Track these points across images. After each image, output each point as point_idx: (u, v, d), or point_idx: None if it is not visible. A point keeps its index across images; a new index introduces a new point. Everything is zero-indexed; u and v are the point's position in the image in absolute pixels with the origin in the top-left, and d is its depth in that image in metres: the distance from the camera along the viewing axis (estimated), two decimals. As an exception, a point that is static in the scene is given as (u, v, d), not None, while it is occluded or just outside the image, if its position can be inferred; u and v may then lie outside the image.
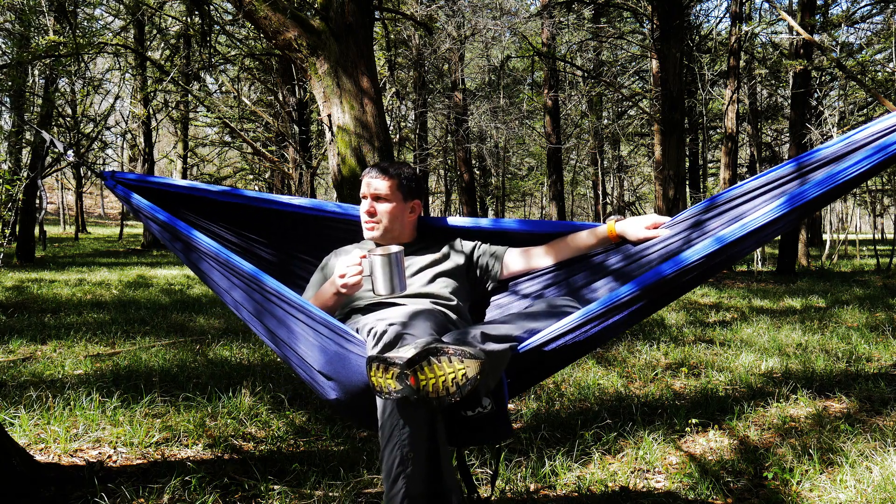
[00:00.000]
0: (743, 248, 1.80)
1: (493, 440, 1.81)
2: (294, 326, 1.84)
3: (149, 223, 2.21)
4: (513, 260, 2.20)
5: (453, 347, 1.52)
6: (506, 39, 16.33)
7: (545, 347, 1.79)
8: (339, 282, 1.94)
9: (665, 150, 11.64)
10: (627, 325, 1.88)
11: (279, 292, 1.85)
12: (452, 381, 1.50)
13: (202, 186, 2.36)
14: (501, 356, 1.70)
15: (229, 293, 2.03)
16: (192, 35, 14.24)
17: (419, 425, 1.61)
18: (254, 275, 1.90)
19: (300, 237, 2.42)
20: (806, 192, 1.69)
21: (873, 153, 1.64)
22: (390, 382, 1.53)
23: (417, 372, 1.51)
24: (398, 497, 1.59)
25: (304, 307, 1.81)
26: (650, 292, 1.77)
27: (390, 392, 1.53)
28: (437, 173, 26.42)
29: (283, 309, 1.85)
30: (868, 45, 14.95)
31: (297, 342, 1.84)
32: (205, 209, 2.38)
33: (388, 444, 1.61)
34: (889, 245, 23.78)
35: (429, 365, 1.51)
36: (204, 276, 2.12)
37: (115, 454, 2.63)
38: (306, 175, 13.10)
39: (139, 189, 2.29)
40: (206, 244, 2.02)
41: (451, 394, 1.50)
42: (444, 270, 2.15)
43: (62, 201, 32.59)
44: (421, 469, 1.61)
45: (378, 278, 1.83)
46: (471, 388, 1.50)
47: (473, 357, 1.51)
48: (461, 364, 1.50)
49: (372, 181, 2.17)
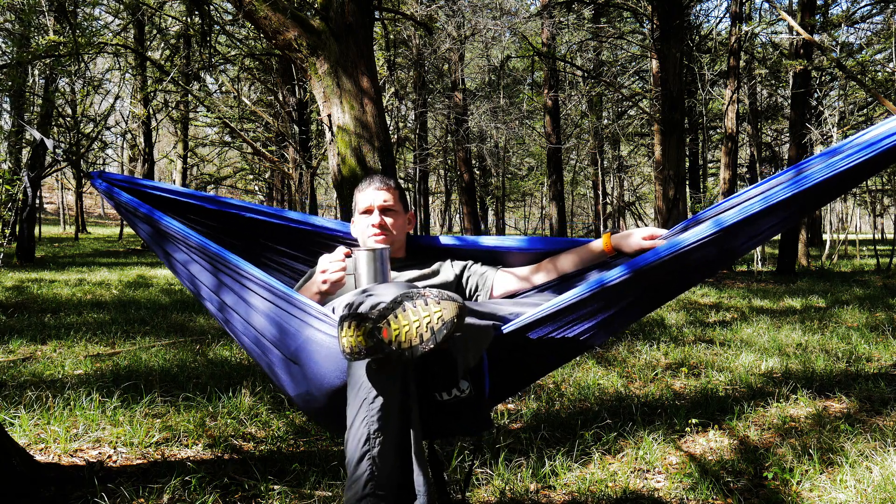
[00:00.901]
0: (741, 241, 1.75)
1: (471, 431, 1.70)
2: (252, 299, 1.76)
3: (129, 216, 2.19)
4: (504, 281, 2.11)
5: (430, 290, 1.43)
6: (506, 39, 16.33)
7: (530, 333, 1.73)
8: (320, 277, 1.86)
9: (665, 150, 11.64)
10: (621, 322, 1.83)
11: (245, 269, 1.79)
12: (427, 325, 1.38)
13: (188, 192, 2.30)
14: (483, 331, 1.61)
15: (186, 267, 1.99)
16: (192, 35, 14.24)
17: (390, 399, 1.47)
18: (219, 252, 1.86)
19: (285, 247, 2.34)
20: (807, 178, 1.64)
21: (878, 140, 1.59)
22: (360, 339, 1.40)
23: (391, 322, 1.39)
24: (361, 480, 1.44)
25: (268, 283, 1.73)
26: (643, 277, 1.70)
27: (360, 350, 1.40)
28: (437, 173, 26.43)
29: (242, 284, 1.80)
30: (868, 45, 14.96)
31: (261, 322, 1.75)
32: (189, 213, 2.32)
33: (354, 421, 1.47)
34: (889, 245, 23.78)
35: (403, 311, 1.40)
36: (168, 256, 2.08)
37: (115, 454, 2.63)
38: (306, 175, 13.10)
39: (125, 188, 2.27)
40: (176, 227, 1.99)
41: (424, 341, 1.38)
42: (433, 285, 2.06)
43: (62, 201, 32.60)
44: (389, 448, 1.46)
45: (362, 275, 1.78)
46: (447, 333, 1.38)
47: (451, 299, 1.40)
48: (437, 306, 1.39)
49: (379, 193, 2.11)
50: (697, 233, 1.68)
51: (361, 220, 2.13)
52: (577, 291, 1.71)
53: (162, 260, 2.17)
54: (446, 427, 1.70)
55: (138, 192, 2.27)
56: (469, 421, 1.66)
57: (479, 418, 1.67)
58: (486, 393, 1.69)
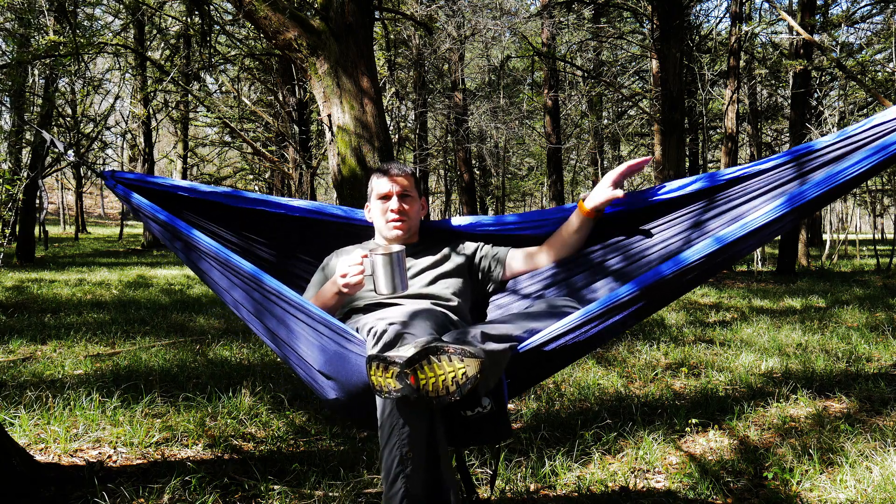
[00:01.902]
0: (743, 248, 1.81)
1: (492, 441, 1.80)
2: (293, 325, 1.83)
3: (149, 222, 2.20)
4: (514, 261, 2.21)
5: (453, 346, 1.52)
6: (506, 39, 16.33)
7: (545, 347, 1.79)
8: (340, 281, 1.93)
9: (665, 150, 11.64)
10: (627, 325, 1.87)
11: (279, 291, 1.84)
12: (452, 380, 1.49)
13: (203, 188, 2.35)
14: (501, 356, 1.70)
15: (229, 292, 2.03)
16: (192, 35, 14.25)
17: (418, 425, 1.61)
18: (253, 274, 1.90)
19: (301, 238, 2.42)
20: (806, 193, 1.70)
21: (874, 152, 1.64)
22: (390, 381, 1.52)
23: (417, 371, 1.50)
24: (397, 497, 1.59)
25: (303, 306, 1.80)
26: (650, 292, 1.77)
27: (390, 391, 1.52)
28: (437, 173, 26.43)
29: (282, 308, 1.85)
30: (868, 45, 14.95)
31: (297, 341, 1.84)
32: (205, 209, 2.37)
33: (387, 444, 1.60)
34: (889, 245, 23.77)
35: (429, 364, 1.50)
36: (203, 275, 2.11)
37: (115, 454, 2.63)
38: (306, 175, 13.10)
39: (139, 189, 2.28)
40: (205, 243, 2.01)
41: (450, 393, 1.50)
42: (446, 271, 2.15)
43: (62, 201, 32.60)
44: (420, 469, 1.60)
45: (380, 278, 1.83)
46: (471, 386, 1.50)
47: (473, 356, 1.51)
48: (461, 363, 1.50)
49: (397, 179, 2.18)
50: (700, 250, 1.76)
51: (379, 206, 2.20)
52: (591, 309, 1.78)
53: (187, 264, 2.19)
54: (470, 438, 1.80)
55: (153, 191, 2.28)
56: (491, 432, 1.76)
57: (500, 429, 1.76)
58: (505, 405, 1.78)
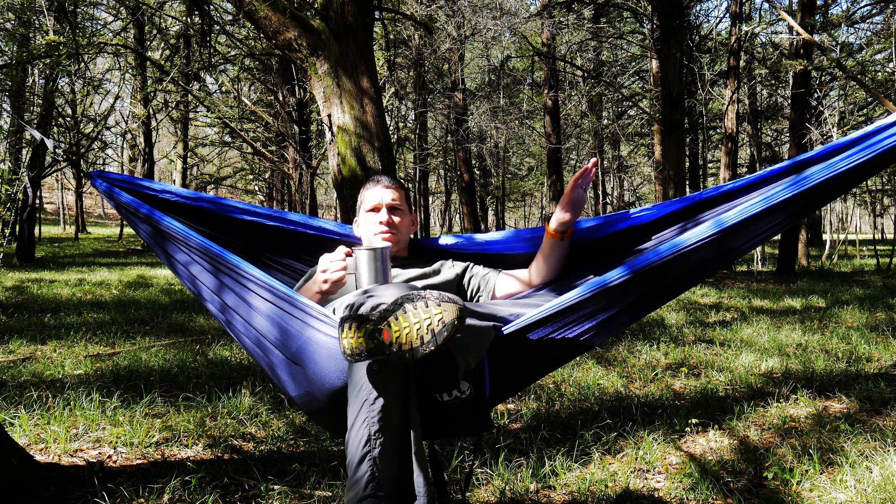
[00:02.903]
0: (741, 242, 1.76)
1: (471, 432, 1.70)
2: (254, 301, 1.76)
3: (130, 217, 2.18)
4: (505, 283, 2.11)
5: (431, 292, 1.43)
6: (506, 39, 16.32)
7: (530, 334, 1.73)
8: (320, 277, 1.85)
9: (665, 150, 11.64)
10: (622, 322, 1.83)
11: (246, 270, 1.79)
12: (428, 327, 1.38)
13: (189, 193, 2.29)
14: (483, 332, 1.61)
15: (187, 268, 1.98)
16: (192, 35, 14.24)
17: (391, 400, 1.47)
18: (219, 253, 1.85)
19: (286, 248, 2.34)
20: (807, 179, 1.66)
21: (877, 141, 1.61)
22: (361, 341, 1.40)
23: (391, 323, 1.39)
24: (362, 481, 1.44)
25: (268, 283, 1.73)
26: (643, 278, 1.71)
27: (361, 352, 1.40)
28: (437, 173, 26.44)
29: (242, 284, 1.79)
30: (868, 45, 14.95)
31: (256, 320, 1.75)
32: (189, 214, 2.31)
33: (355, 423, 1.47)
34: (889, 245, 23.78)
35: (403, 313, 1.40)
36: (169, 257, 2.08)
37: (115, 454, 2.63)
38: (306, 175, 13.10)
39: (126, 188, 2.26)
40: (176, 227, 1.98)
41: (425, 343, 1.38)
42: (434, 284, 2.06)
43: (62, 201, 32.59)
44: (390, 450, 1.46)
45: (363, 274, 1.77)
46: (447, 335, 1.38)
47: (452, 301, 1.40)
48: (438, 308, 1.39)
49: (387, 191, 2.12)
50: (698, 234, 1.69)
51: (368, 218, 2.13)
52: (577, 292, 1.71)
53: (163, 260, 2.16)
54: (447, 428, 1.69)
55: (138, 192, 2.26)
56: (469, 422, 1.66)
57: (480, 419, 1.67)
58: (486, 394, 1.69)
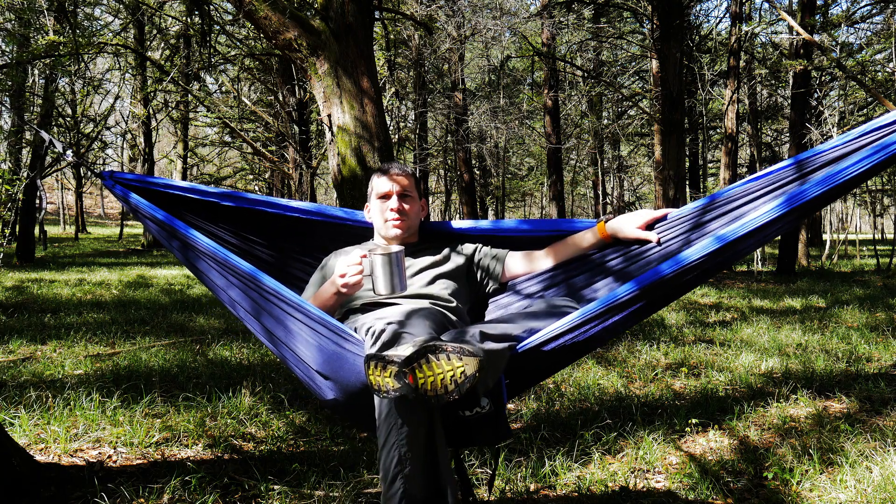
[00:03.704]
0: (743, 248, 1.80)
1: (491, 441, 1.80)
2: (291, 325, 1.83)
3: (147, 222, 2.20)
4: (513, 263, 2.20)
5: (452, 345, 1.51)
6: (506, 39, 16.33)
7: (544, 347, 1.79)
8: (339, 281, 1.92)
9: (665, 150, 11.64)
10: (627, 325, 1.86)
11: (277, 291, 1.84)
12: (451, 378, 1.48)
13: (201, 188, 2.35)
14: (500, 355, 1.69)
15: (226, 291, 2.02)
16: (192, 35, 14.24)
17: (417, 425, 1.60)
18: (252, 274, 1.90)
19: (300, 239, 2.41)
20: (806, 192, 1.69)
21: (873, 152, 1.63)
22: (388, 381, 1.51)
23: (416, 370, 1.49)
24: (396, 497, 1.58)
25: (301, 306, 1.80)
26: (650, 292, 1.77)
27: (388, 391, 1.51)
28: (437, 173, 26.43)
29: (280, 308, 1.85)
30: (868, 45, 14.95)
31: (295, 341, 1.83)
32: (204, 210, 2.37)
33: (385, 444, 1.60)
34: (889, 245, 23.77)
35: (427, 363, 1.49)
36: (201, 274, 2.11)
37: (115, 454, 2.63)
38: (306, 175, 13.10)
39: (137, 189, 2.28)
40: (203, 243, 2.01)
41: (449, 392, 1.48)
42: (445, 272, 2.14)
43: (62, 201, 32.59)
44: (419, 469, 1.59)
45: (378, 278, 1.82)
46: (469, 385, 1.49)
47: (472, 354, 1.50)
48: (460, 362, 1.49)
49: (398, 178, 2.18)
50: (700, 249, 1.75)
51: (379, 205, 2.19)
52: (590, 308, 1.77)
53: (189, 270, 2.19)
54: (469, 439, 1.79)
55: (151, 191, 2.28)
56: (490, 433, 1.76)
57: (499, 430, 1.76)
58: (504, 406, 1.78)
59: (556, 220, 2.22)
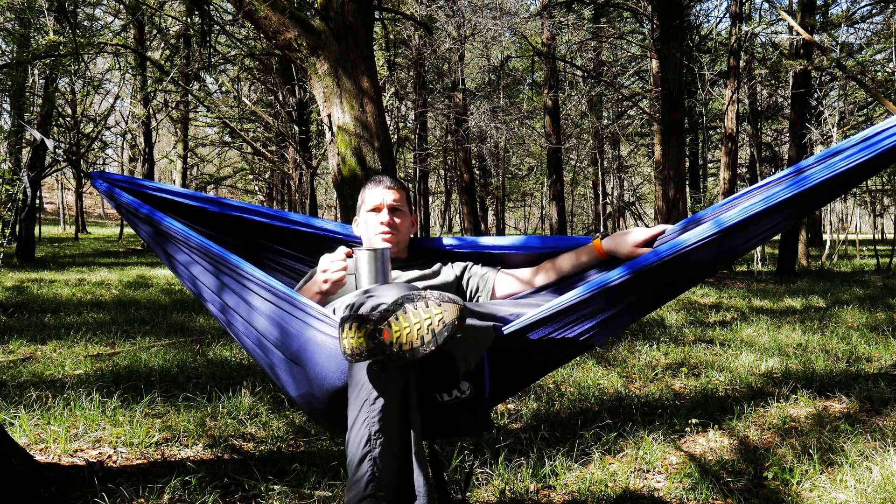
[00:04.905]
0: (742, 241, 1.75)
1: (470, 432, 1.71)
2: (255, 301, 1.76)
3: (130, 217, 2.18)
4: (504, 282, 2.11)
5: (431, 292, 1.43)
6: (506, 39, 16.34)
7: (530, 334, 1.73)
8: (320, 277, 1.86)
9: (665, 150, 11.64)
10: (622, 322, 1.83)
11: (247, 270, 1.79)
12: (428, 327, 1.38)
13: (189, 193, 2.29)
14: (484, 332, 1.62)
15: (187, 268, 1.98)
16: (192, 35, 14.25)
17: (392, 401, 1.48)
18: (220, 254, 1.86)
19: (287, 249, 2.34)
20: (807, 178, 1.64)
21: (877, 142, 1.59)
22: (361, 341, 1.40)
23: (392, 323, 1.40)
24: (362, 481, 1.44)
25: (268, 283, 1.73)
26: (642, 278, 1.70)
27: (361, 352, 1.40)
28: (437, 173, 26.45)
29: (242, 284, 1.80)
30: (868, 45, 14.95)
31: (257, 320, 1.75)
32: (189, 214, 2.31)
33: (355, 423, 1.47)
34: (889, 245, 23.78)
35: (404, 313, 1.40)
36: (170, 258, 2.07)
37: (115, 454, 2.63)
38: (306, 175, 13.10)
39: (126, 189, 2.26)
40: (177, 228, 1.98)
41: (425, 343, 1.38)
42: (434, 285, 2.06)
43: (62, 201, 32.59)
44: (390, 451, 1.46)
45: (363, 275, 1.77)
46: (448, 335, 1.38)
47: (452, 301, 1.41)
48: (438, 308, 1.40)
49: (389, 192, 2.11)
50: (698, 233, 1.68)
51: (369, 218, 2.13)
52: (578, 292, 1.71)
53: (163, 261, 2.16)
54: (446, 428, 1.70)
55: (139, 192, 2.26)
56: (469, 422, 1.67)
57: (480, 419, 1.67)
58: (486, 393, 1.70)
59: (549, 237, 2.15)
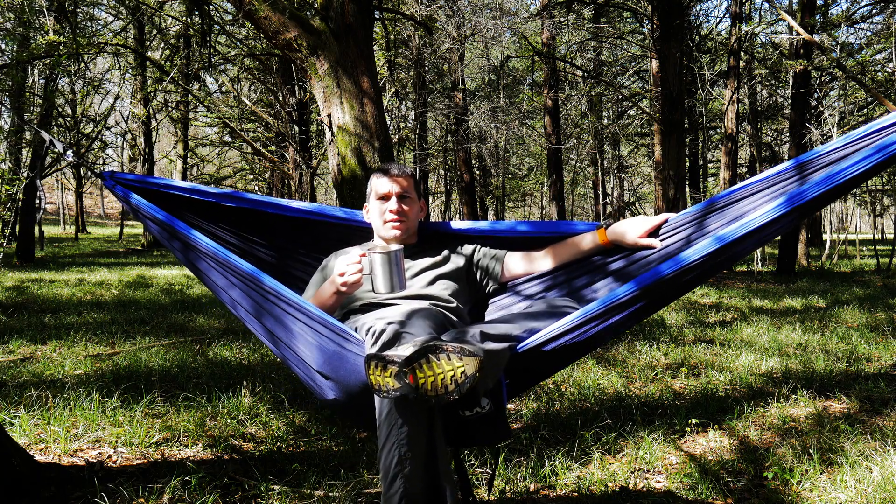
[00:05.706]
0: (743, 248, 1.80)
1: (491, 441, 1.80)
2: (292, 325, 1.83)
3: (147, 223, 2.20)
4: (513, 263, 2.21)
5: (452, 345, 1.51)
6: (506, 39, 16.33)
7: (544, 347, 1.79)
8: (338, 280, 1.92)
9: (665, 150, 11.64)
10: (627, 325, 1.87)
11: (277, 291, 1.84)
12: (451, 378, 1.49)
13: (202, 188, 2.36)
14: (500, 355, 1.69)
15: (227, 292, 2.03)
16: (192, 35, 14.24)
17: (417, 425, 1.60)
18: (252, 274, 1.90)
19: (300, 239, 2.42)
20: (806, 192, 1.70)
21: (873, 153, 1.64)
22: (388, 381, 1.51)
23: (416, 370, 1.49)
24: (396, 497, 1.59)
25: (302, 306, 1.80)
26: (650, 292, 1.77)
27: (388, 390, 1.52)
28: (437, 173, 26.43)
29: (281, 308, 1.85)
30: (868, 45, 14.95)
31: (296, 341, 1.83)
32: (204, 210, 2.38)
33: (385, 444, 1.60)
34: (889, 245, 23.77)
35: (427, 363, 1.50)
36: (202, 275, 2.11)
37: (115, 454, 2.63)
38: (306, 175, 13.10)
39: (138, 189, 2.28)
40: (204, 243, 2.01)
41: (449, 392, 1.49)
42: (445, 273, 2.15)
43: (62, 201, 32.59)
44: (419, 469, 1.60)
45: (378, 277, 1.82)
46: (469, 385, 1.49)
47: (472, 354, 1.50)
48: (460, 362, 1.49)
49: (397, 180, 2.18)
50: (700, 249, 1.75)
51: (378, 206, 2.19)
52: (590, 308, 1.77)
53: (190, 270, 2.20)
54: (468, 439, 1.79)
55: (152, 192, 2.28)
56: (489, 433, 1.76)
57: (499, 430, 1.76)
58: (504, 406, 1.78)
59: (555, 223, 2.23)
